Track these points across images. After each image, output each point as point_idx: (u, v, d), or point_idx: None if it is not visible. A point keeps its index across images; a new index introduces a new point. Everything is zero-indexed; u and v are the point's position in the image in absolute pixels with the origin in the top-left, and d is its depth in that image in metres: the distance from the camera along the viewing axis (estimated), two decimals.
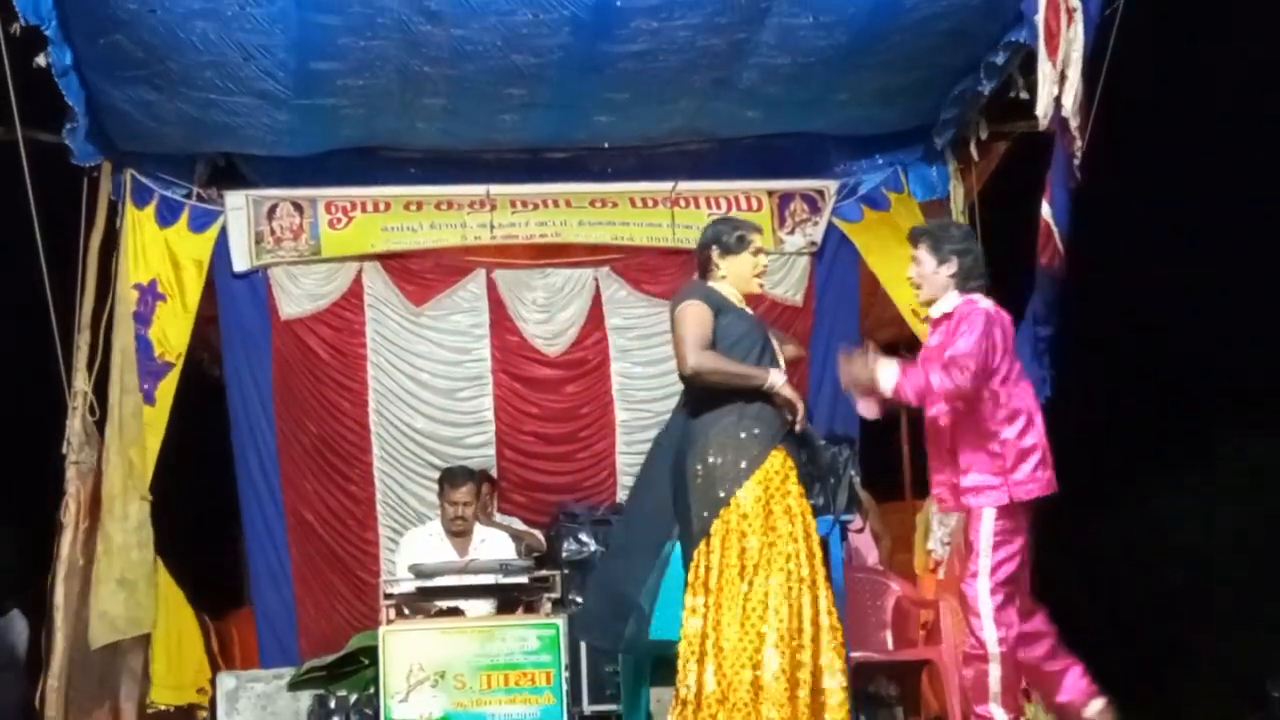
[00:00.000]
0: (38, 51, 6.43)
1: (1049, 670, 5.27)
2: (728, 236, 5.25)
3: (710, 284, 5.22)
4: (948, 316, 5.31)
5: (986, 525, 5.15)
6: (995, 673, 5.10)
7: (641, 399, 7.97)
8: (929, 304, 5.45)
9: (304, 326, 7.84)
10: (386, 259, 7.92)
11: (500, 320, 7.97)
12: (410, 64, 6.72)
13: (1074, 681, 5.27)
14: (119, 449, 7.17)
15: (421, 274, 7.96)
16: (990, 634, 5.10)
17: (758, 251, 5.27)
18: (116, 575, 6.99)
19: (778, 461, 4.98)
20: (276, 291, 7.81)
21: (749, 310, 5.28)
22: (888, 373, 5.19)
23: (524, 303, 8.01)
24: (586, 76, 6.92)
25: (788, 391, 5.02)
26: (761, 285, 5.44)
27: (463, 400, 7.92)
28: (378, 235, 7.87)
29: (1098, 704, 5.26)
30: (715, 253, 5.22)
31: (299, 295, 7.83)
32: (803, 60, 6.93)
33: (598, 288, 8.05)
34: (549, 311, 8.02)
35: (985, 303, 5.29)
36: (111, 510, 7.09)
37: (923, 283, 5.41)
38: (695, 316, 5.07)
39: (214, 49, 6.46)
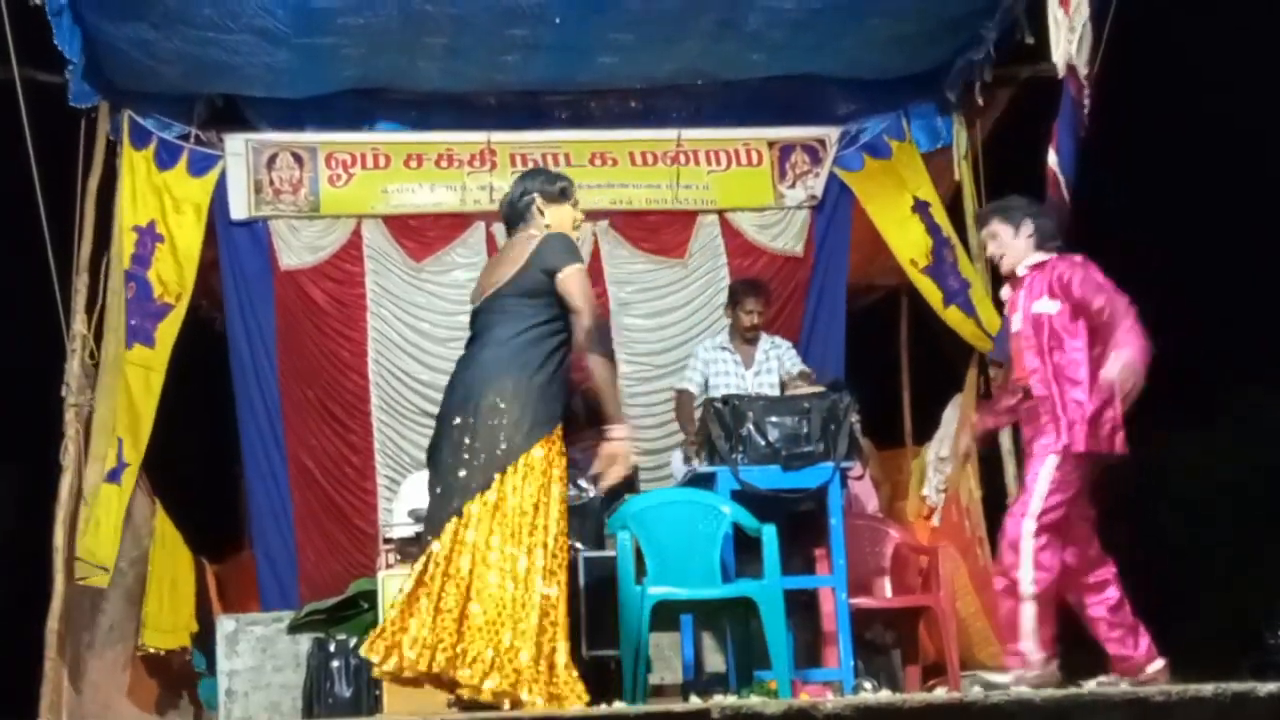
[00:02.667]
0: None
1: (1113, 622, 5.32)
2: (550, 184, 5.12)
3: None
4: (1038, 270, 5.38)
5: (1047, 468, 5.20)
6: (1029, 611, 5.14)
7: (643, 351, 7.97)
8: (1011, 271, 5.52)
9: (304, 276, 7.83)
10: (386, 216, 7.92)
11: None
12: (411, 2, 6.67)
13: (1136, 638, 5.32)
14: (104, 389, 7.15)
15: (421, 230, 7.95)
16: (1027, 573, 5.14)
17: (576, 203, 5.17)
18: (95, 517, 7.00)
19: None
20: (276, 241, 7.80)
21: None
22: (1112, 365, 5.18)
23: None
24: (590, 16, 6.87)
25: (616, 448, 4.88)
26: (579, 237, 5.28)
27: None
28: (377, 196, 7.88)
29: (1158, 664, 5.30)
30: (540, 200, 5.06)
31: (298, 247, 7.82)
32: (809, 4, 6.88)
33: (596, 243, 8.02)
34: None
35: (1077, 257, 5.37)
36: (95, 451, 7.09)
37: (1006, 252, 5.50)
38: (587, 281, 4.93)
39: None
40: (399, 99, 7.92)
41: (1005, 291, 5.64)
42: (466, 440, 4.77)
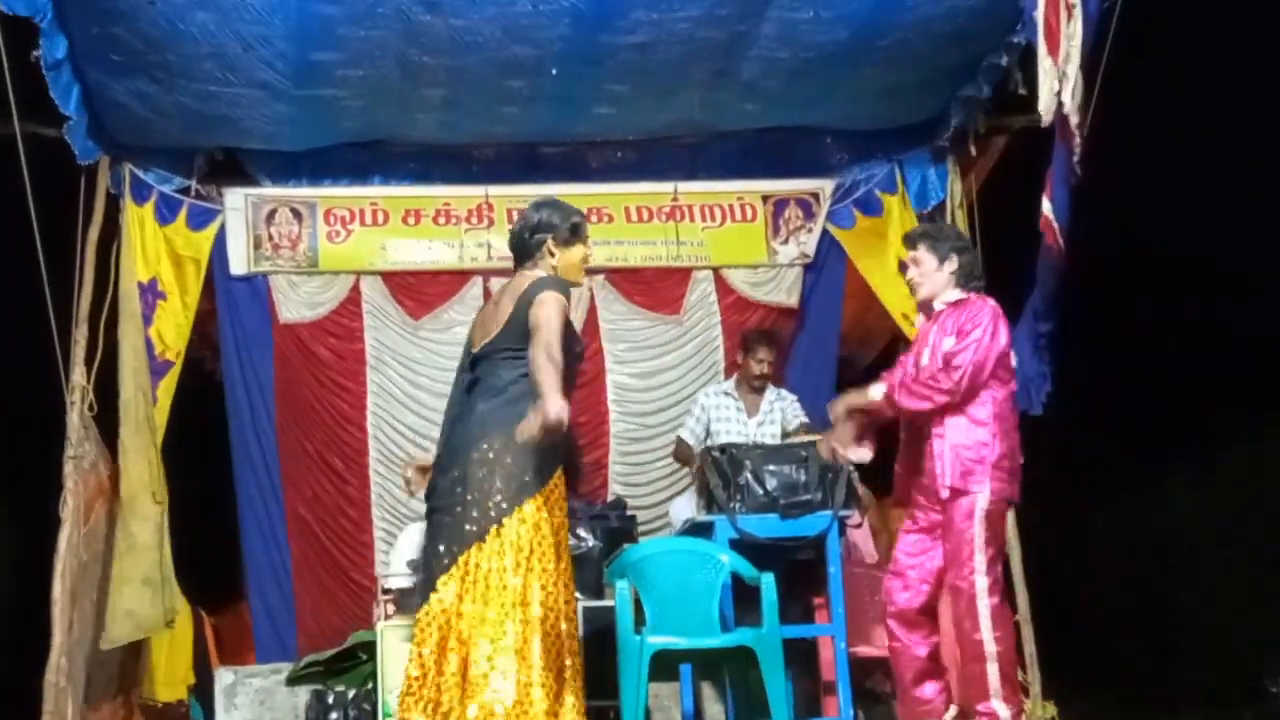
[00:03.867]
0: (37, 44, 6.41)
1: (931, 669, 5.38)
2: (563, 223, 4.97)
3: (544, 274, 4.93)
4: (953, 306, 5.40)
5: (978, 521, 5.21)
6: (993, 670, 5.16)
7: (635, 411, 8.01)
8: (927, 302, 5.50)
9: (304, 330, 7.88)
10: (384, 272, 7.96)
11: None
12: (410, 54, 6.71)
13: (939, 685, 5.37)
14: (138, 448, 7.15)
15: (419, 287, 7.99)
16: (988, 633, 5.16)
17: (587, 238, 5.06)
18: (141, 575, 7.01)
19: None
20: (276, 295, 7.84)
21: None
22: (876, 388, 5.34)
23: None
24: (586, 68, 6.91)
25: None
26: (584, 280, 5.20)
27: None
28: (376, 253, 7.91)
29: (953, 711, 5.34)
30: (551, 242, 4.94)
31: (297, 302, 7.86)
32: (803, 54, 6.93)
33: (593, 298, 8.06)
34: None
35: (992, 303, 5.41)
36: (134, 509, 7.10)
37: (924, 281, 5.50)
38: (561, 311, 4.74)
39: (213, 39, 6.45)
40: (397, 152, 7.98)
41: (919, 320, 5.64)
42: (460, 491, 4.74)
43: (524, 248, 5.00)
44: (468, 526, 4.70)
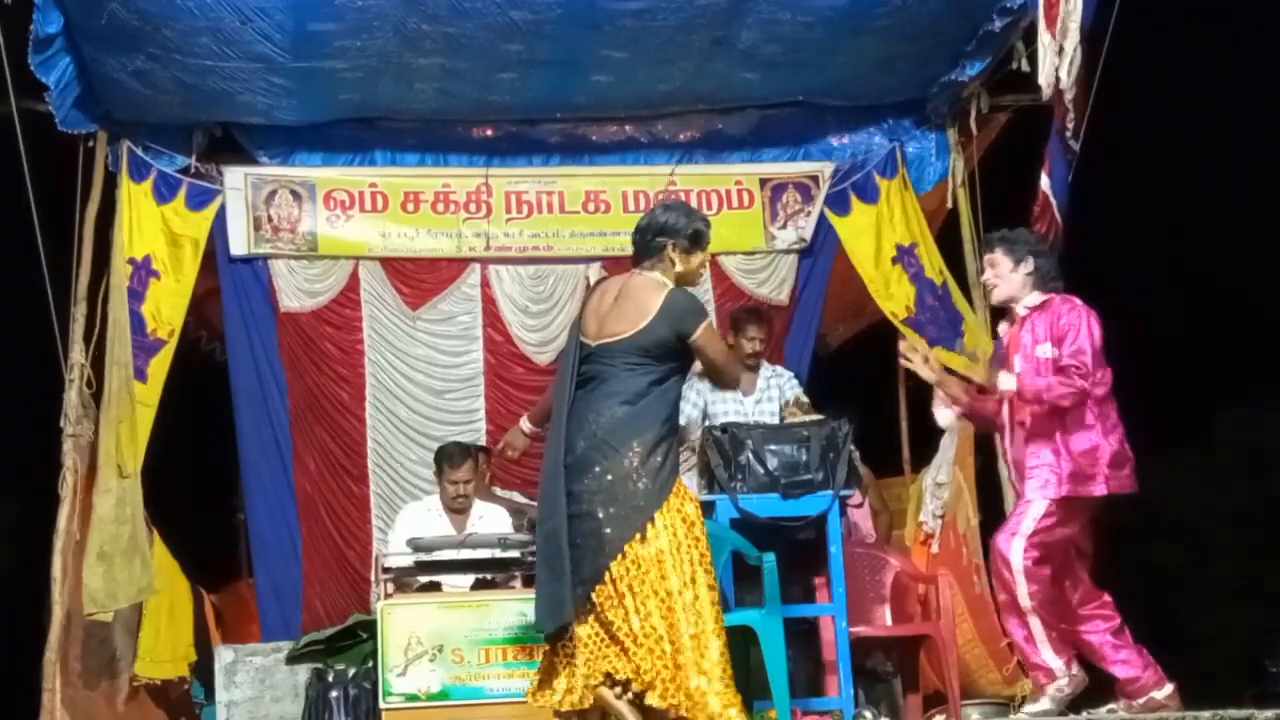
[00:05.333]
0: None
1: (1116, 644, 5.44)
2: (687, 228, 4.99)
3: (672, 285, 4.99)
4: (1038, 310, 5.50)
5: (1035, 510, 5.37)
6: (1035, 623, 5.32)
7: None
8: (1005, 304, 5.65)
9: (304, 319, 7.88)
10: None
11: (493, 324, 8.02)
12: (408, 22, 6.69)
13: (1142, 661, 5.43)
14: (107, 423, 7.14)
15: (417, 275, 7.99)
16: (1023, 587, 5.30)
17: (708, 245, 5.09)
18: (96, 549, 6.95)
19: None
20: (276, 282, 7.84)
21: None
22: (1007, 378, 5.43)
23: (516, 309, 8.05)
24: (585, 33, 6.88)
25: None
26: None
27: (455, 400, 8.00)
28: (375, 241, 7.91)
29: (1168, 688, 5.41)
30: (671, 249, 4.98)
31: (297, 290, 7.86)
32: (802, 19, 6.91)
33: (588, 284, 8.02)
34: (540, 319, 8.07)
35: (1079, 301, 5.50)
36: (97, 484, 7.07)
37: (1000, 283, 5.61)
38: (718, 337, 5.14)
39: (210, 13, 6.44)
40: (396, 127, 7.95)
41: (1003, 327, 5.69)
42: (606, 492, 4.82)
43: (645, 248, 5.04)
44: (613, 531, 4.79)
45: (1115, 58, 6.60)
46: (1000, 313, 5.87)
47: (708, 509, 6.06)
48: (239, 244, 7.75)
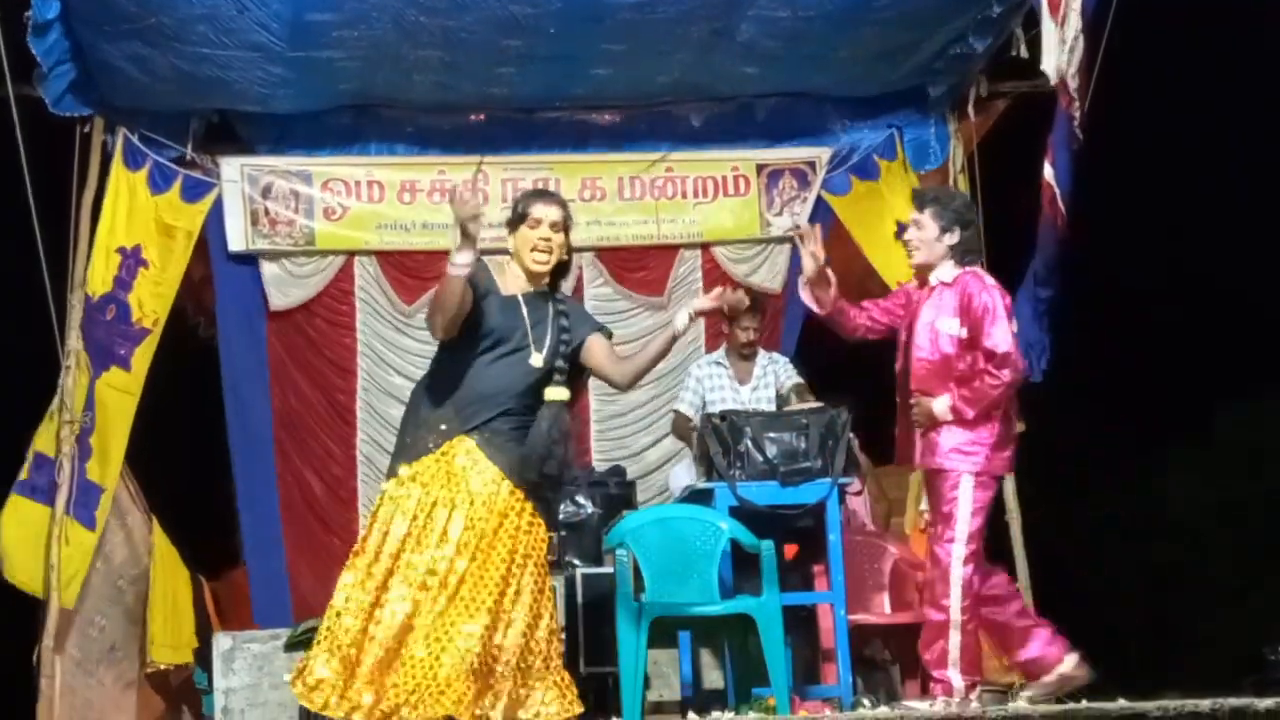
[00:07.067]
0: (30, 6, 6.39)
1: (1019, 627, 5.43)
2: (511, 211, 4.92)
3: (498, 260, 4.89)
4: (947, 285, 5.39)
5: (965, 492, 5.28)
6: (955, 639, 5.25)
7: (615, 391, 7.96)
8: (921, 269, 5.49)
9: (297, 315, 7.90)
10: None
11: None
12: (406, 14, 6.68)
13: (1045, 638, 5.39)
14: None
15: (414, 270, 7.98)
16: (956, 600, 5.25)
17: (536, 223, 4.83)
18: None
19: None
20: (267, 275, 7.84)
21: (530, 290, 4.88)
22: (941, 404, 5.34)
23: None
24: (585, 26, 6.87)
25: None
26: (538, 262, 4.84)
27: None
28: (372, 234, 7.91)
29: (1072, 658, 5.37)
30: (506, 230, 4.93)
31: (289, 284, 7.86)
32: (802, 13, 6.90)
33: (581, 275, 8.05)
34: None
35: (990, 279, 5.38)
36: None
37: (921, 247, 5.46)
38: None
39: (207, 2, 6.43)
40: (393, 116, 7.92)
41: (912, 284, 5.60)
42: None
43: None
44: None
45: (1115, 58, 6.58)
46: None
47: (706, 496, 6.06)
48: (236, 240, 7.74)
